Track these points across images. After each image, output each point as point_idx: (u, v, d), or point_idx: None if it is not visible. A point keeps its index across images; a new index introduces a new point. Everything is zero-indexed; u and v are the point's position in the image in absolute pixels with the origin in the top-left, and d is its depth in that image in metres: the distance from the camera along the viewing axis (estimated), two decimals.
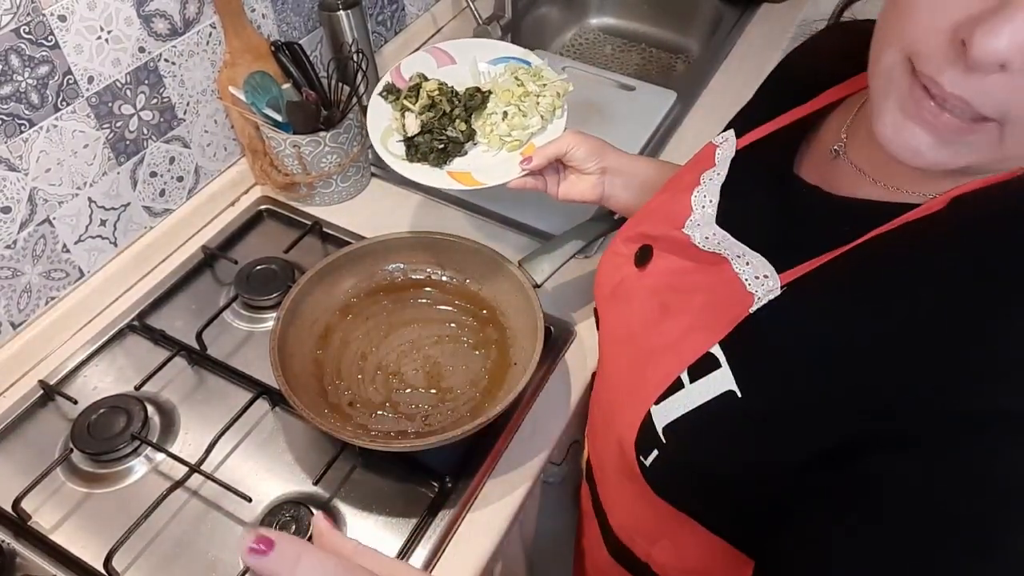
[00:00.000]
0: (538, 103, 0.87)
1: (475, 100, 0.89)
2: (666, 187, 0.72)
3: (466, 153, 0.89)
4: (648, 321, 0.62)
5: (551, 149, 0.82)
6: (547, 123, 0.88)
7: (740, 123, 0.68)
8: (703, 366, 0.54)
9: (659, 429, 0.57)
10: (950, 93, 0.42)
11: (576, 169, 0.85)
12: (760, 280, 0.53)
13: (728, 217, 0.60)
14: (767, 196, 0.59)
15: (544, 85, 0.88)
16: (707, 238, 0.60)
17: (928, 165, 0.46)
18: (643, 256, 0.67)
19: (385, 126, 0.89)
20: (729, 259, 0.57)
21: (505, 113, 0.88)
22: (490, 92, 0.90)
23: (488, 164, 0.87)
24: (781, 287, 0.52)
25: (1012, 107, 0.41)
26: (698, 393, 0.54)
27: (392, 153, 0.88)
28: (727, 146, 0.66)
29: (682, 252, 0.62)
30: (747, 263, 0.55)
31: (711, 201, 0.62)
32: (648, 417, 0.57)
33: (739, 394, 0.51)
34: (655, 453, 0.57)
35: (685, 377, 0.55)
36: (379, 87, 0.91)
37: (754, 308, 0.52)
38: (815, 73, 0.64)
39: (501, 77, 0.91)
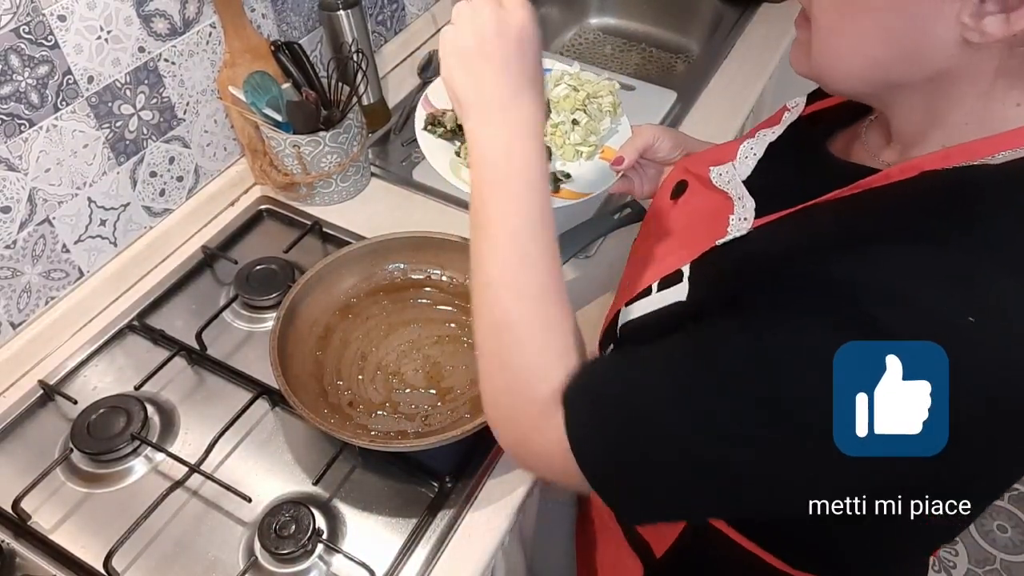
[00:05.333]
0: (600, 105, 0.83)
1: None
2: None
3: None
4: (655, 242, 0.68)
5: (637, 144, 0.78)
6: (616, 124, 0.83)
7: (817, 93, 0.70)
8: (671, 279, 0.60)
9: (619, 326, 0.63)
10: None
11: (661, 162, 0.82)
12: (740, 221, 0.58)
13: (759, 170, 0.64)
14: (793, 157, 0.64)
15: (595, 86, 0.84)
16: (720, 175, 0.64)
17: (793, 67, 0.56)
18: (678, 190, 0.71)
19: (450, 159, 0.82)
20: (733, 199, 0.61)
21: (575, 121, 0.83)
22: (547, 102, 0.86)
23: (576, 175, 0.83)
24: (750, 229, 0.57)
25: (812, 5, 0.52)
26: (658, 300, 0.60)
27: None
28: (795, 111, 0.69)
29: (705, 188, 0.66)
30: (743, 205, 0.59)
31: (755, 154, 0.65)
32: (616, 316, 0.64)
33: (684, 300, 0.58)
34: (610, 348, 0.64)
35: (655, 286, 0.61)
36: (419, 123, 0.85)
37: (720, 241, 0.58)
38: None
39: (549, 87, 0.86)
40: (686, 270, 0.59)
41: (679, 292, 0.58)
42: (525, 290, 0.55)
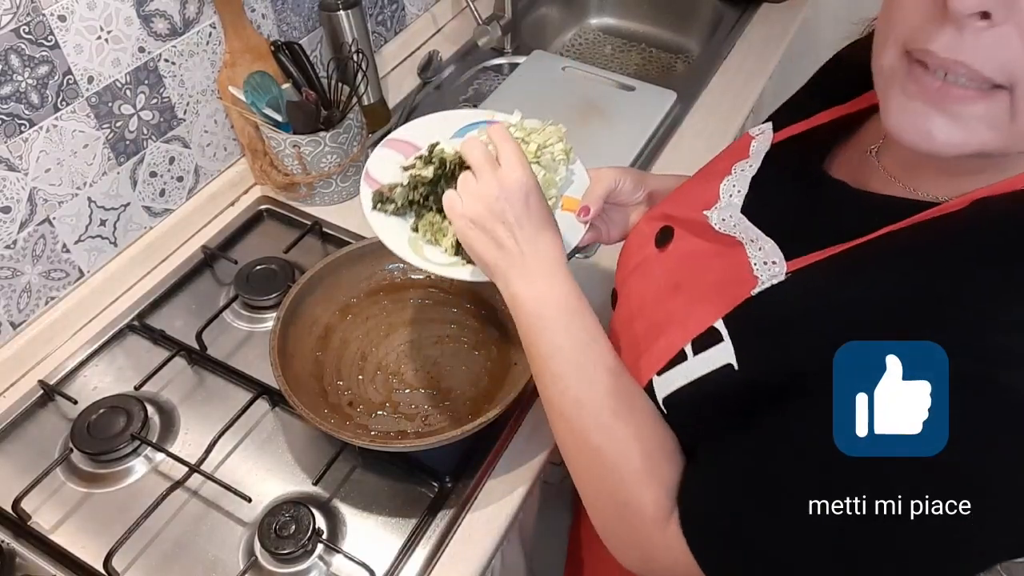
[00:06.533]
0: (553, 154, 0.78)
1: None
2: (697, 174, 0.73)
3: None
4: (661, 296, 0.64)
5: (599, 191, 0.74)
6: (571, 172, 0.78)
7: (781, 116, 0.67)
8: (706, 340, 0.55)
9: (660, 400, 0.59)
10: (946, 59, 0.43)
11: (623, 203, 0.79)
12: (768, 266, 0.55)
13: (752, 207, 0.61)
14: (792, 188, 0.61)
15: (543, 134, 0.78)
16: (724, 220, 0.61)
17: (941, 147, 0.46)
18: (664, 237, 0.68)
19: (407, 237, 0.74)
20: (743, 243, 0.58)
21: None
22: None
23: None
24: (787, 274, 0.53)
25: (1017, 67, 0.41)
26: (699, 365, 0.55)
27: (436, 262, 0.72)
28: (763, 139, 0.66)
29: (701, 234, 0.63)
30: (759, 248, 0.56)
31: (739, 191, 0.63)
32: (650, 387, 0.60)
33: (736, 367, 0.53)
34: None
35: (688, 350, 0.56)
36: (367, 204, 0.75)
37: (756, 291, 0.54)
38: (863, 72, 0.59)
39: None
40: (721, 327, 0.55)
41: (723, 354, 0.54)
42: (596, 415, 0.58)
